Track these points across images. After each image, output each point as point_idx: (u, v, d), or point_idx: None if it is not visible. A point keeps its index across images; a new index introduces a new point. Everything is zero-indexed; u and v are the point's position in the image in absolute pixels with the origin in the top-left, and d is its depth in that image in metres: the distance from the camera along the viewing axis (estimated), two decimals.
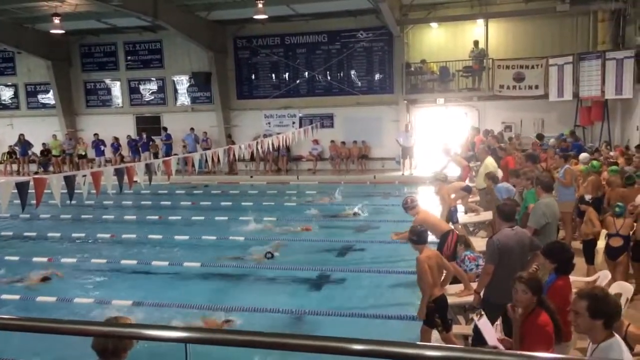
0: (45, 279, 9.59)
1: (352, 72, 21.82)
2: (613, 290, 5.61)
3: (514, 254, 5.68)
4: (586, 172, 10.22)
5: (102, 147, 23.18)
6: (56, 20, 18.62)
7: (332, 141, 21.53)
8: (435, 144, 20.45)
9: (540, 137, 17.33)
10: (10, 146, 24.01)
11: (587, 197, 8.54)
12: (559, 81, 18.09)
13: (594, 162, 10.41)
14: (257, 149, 15.34)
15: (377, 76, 21.63)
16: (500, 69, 19.36)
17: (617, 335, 3.47)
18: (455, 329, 6.30)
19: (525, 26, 19.94)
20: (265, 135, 19.25)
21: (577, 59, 17.71)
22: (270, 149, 18.17)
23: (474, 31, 20.33)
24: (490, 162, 11.32)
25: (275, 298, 8.51)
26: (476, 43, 19.80)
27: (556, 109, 19.19)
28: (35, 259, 10.92)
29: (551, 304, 4.39)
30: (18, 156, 23.79)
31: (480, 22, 20.11)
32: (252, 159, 20.85)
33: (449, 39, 20.79)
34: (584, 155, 11.92)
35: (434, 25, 20.78)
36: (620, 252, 7.64)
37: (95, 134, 23.29)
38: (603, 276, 6.71)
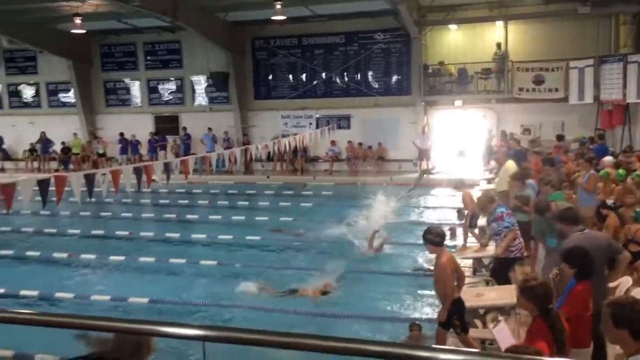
0: (325, 293, 8.73)
1: (370, 73, 21.77)
2: (636, 295, 5.53)
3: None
4: (605, 177, 10.07)
5: (127, 146, 23.35)
6: (77, 20, 18.85)
7: (349, 142, 21.51)
8: (452, 147, 20.46)
9: (560, 137, 17.12)
10: (32, 144, 24.36)
11: (610, 201, 8.41)
12: (579, 84, 17.89)
13: (620, 171, 10.24)
14: (274, 150, 15.40)
15: (394, 78, 21.56)
16: (520, 72, 19.17)
17: None
18: (472, 332, 6.26)
19: (545, 28, 19.73)
20: (282, 136, 19.28)
21: (598, 62, 17.49)
22: (287, 150, 18.20)
23: (494, 33, 20.18)
24: (511, 166, 11.17)
25: None
26: (499, 45, 19.62)
27: (576, 112, 18.97)
28: (55, 255, 11.09)
29: (559, 314, 4.28)
30: (39, 154, 24.13)
31: (500, 24, 19.95)
32: (268, 159, 20.91)
33: (468, 41, 20.65)
34: (608, 159, 11.75)
35: (452, 27, 20.66)
36: (637, 257, 7.50)
37: (121, 133, 23.47)
38: (624, 282, 6.61)
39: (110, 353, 3.16)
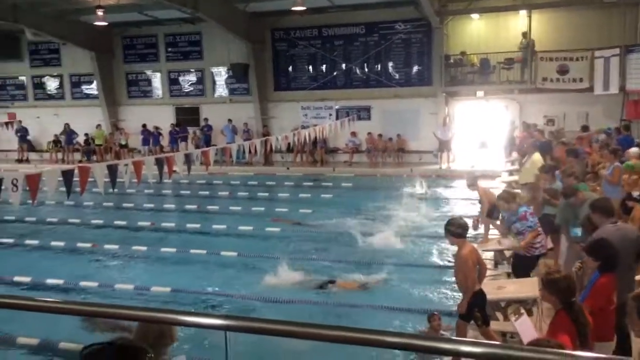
0: (362, 287, 8.69)
1: (390, 64, 21.61)
2: None
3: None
4: (630, 169, 9.86)
5: (149, 138, 23.55)
6: (100, 13, 19.02)
7: (369, 133, 21.43)
8: (473, 138, 20.26)
9: (585, 128, 16.83)
10: (56, 135, 24.74)
11: (635, 194, 8.24)
12: (605, 74, 17.52)
13: None
14: (293, 141, 15.40)
15: (415, 68, 21.38)
16: (544, 61, 18.85)
17: None
18: (493, 325, 6.22)
19: (570, 17, 19.33)
20: (302, 127, 19.29)
21: (625, 52, 17.11)
22: (307, 141, 18.20)
23: (517, 22, 19.85)
24: (537, 158, 10.99)
25: None
26: (525, 34, 19.25)
27: (601, 103, 18.61)
28: (79, 245, 11.28)
29: (583, 308, 4.22)
30: (63, 145, 24.51)
31: (523, 13, 19.62)
32: (288, 150, 20.95)
33: (490, 30, 20.35)
34: (634, 150, 11.49)
35: (474, 16, 20.37)
36: None
37: (144, 125, 23.67)
38: None
39: (134, 341, 3.21)
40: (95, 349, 1.71)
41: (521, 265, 7.27)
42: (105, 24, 20.85)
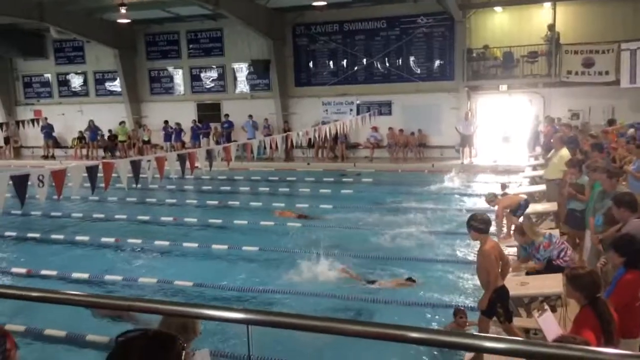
0: (410, 280, 8.53)
1: (412, 58, 21.46)
2: None
3: None
4: None
5: (171, 134, 23.74)
6: (123, 10, 19.22)
7: (390, 128, 21.32)
8: (496, 133, 20.02)
9: (611, 122, 16.50)
10: (81, 131, 25.13)
11: None
12: (631, 67, 17.18)
13: None
14: (314, 136, 15.41)
15: (437, 63, 21.19)
16: (569, 54, 18.54)
17: None
18: (516, 321, 6.15)
19: (595, 9, 18.95)
20: (323, 123, 19.27)
21: None
22: (328, 136, 18.18)
23: (541, 15, 19.53)
24: (565, 154, 10.80)
25: None
26: (550, 27, 18.93)
27: (628, 96, 18.22)
28: (103, 239, 11.45)
29: (608, 305, 4.15)
30: (87, 141, 24.89)
31: (547, 5, 19.30)
32: (309, 145, 20.94)
33: (514, 24, 20.06)
34: None
35: (497, 9, 20.10)
36: None
37: (166, 121, 23.88)
38: None
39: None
40: (130, 336, 1.75)
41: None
42: (128, 21, 21.07)
